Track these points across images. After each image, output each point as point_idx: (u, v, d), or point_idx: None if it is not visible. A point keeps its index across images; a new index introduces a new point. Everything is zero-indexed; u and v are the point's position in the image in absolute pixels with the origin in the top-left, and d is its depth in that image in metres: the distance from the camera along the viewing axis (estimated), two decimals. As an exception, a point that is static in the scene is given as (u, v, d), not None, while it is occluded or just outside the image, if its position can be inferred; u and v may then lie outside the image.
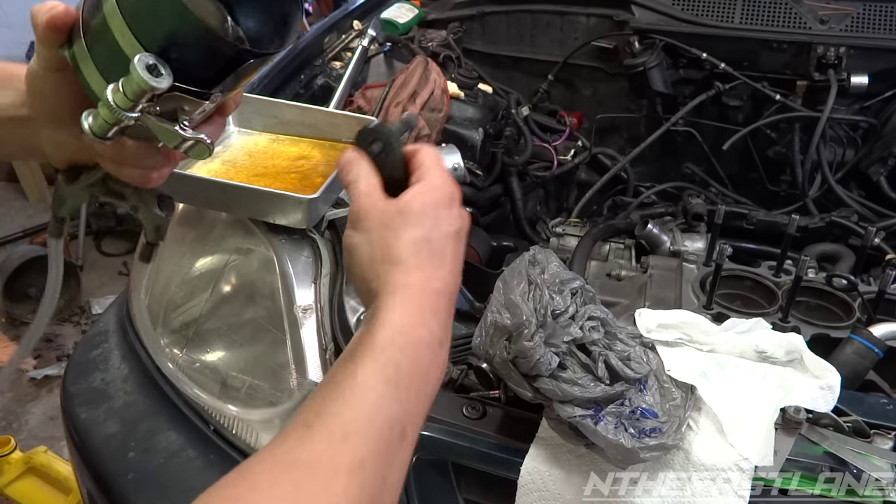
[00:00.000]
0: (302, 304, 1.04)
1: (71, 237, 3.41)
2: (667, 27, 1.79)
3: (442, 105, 1.53)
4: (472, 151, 1.57)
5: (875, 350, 1.03)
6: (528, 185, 1.84)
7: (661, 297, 1.28)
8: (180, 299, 1.17)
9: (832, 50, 1.67)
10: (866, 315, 1.17)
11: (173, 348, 1.15)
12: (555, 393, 0.77)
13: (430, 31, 1.91)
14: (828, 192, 1.69)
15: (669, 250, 1.46)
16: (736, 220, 1.62)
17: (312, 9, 5.08)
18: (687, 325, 0.92)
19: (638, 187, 1.92)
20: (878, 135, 1.69)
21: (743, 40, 1.76)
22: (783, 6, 1.76)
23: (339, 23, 1.80)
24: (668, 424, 0.78)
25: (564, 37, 1.99)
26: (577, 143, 1.92)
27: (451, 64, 1.76)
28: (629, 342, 0.84)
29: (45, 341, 2.88)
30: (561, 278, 0.85)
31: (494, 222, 1.82)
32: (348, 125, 1.26)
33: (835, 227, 1.56)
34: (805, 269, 1.14)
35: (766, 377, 0.86)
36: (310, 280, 1.07)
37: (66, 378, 1.22)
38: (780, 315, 1.17)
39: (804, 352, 0.88)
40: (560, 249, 1.59)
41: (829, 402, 0.83)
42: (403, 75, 1.54)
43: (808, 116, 1.70)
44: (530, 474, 0.81)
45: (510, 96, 1.86)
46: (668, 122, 1.82)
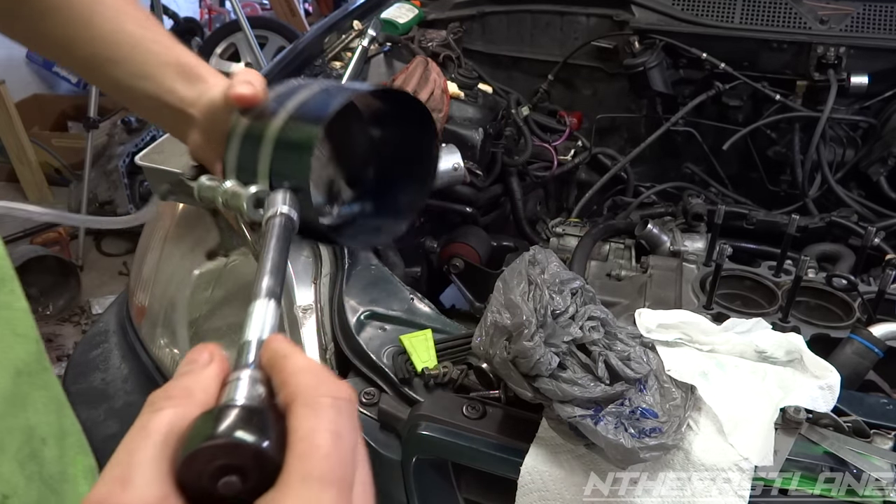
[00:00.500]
0: (302, 304, 1.04)
1: (71, 237, 3.41)
2: (667, 27, 1.79)
3: (442, 105, 1.53)
4: (472, 151, 1.57)
5: (875, 350, 1.03)
6: (528, 185, 1.84)
7: (661, 297, 1.28)
8: (180, 299, 1.17)
9: (832, 50, 1.67)
10: (866, 315, 1.17)
11: (173, 348, 1.15)
12: (555, 393, 0.77)
13: (430, 31, 1.91)
14: (828, 192, 1.69)
15: (669, 250, 1.46)
16: (736, 220, 1.62)
17: (312, 9, 5.08)
18: (687, 325, 0.92)
19: (638, 187, 1.92)
20: (878, 135, 1.69)
21: (743, 40, 1.76)
22: (783, 6, 1.76)
23: (339, 23, 1.80)
24: (668, 424, 0.78)
25: (564, 37, 1.99)
26: (577, 143, 1.92)
27: (451, 64, 1.76)
28: (629, 342, 0.84)
29: (46, 341, 2.88)
30: (561, 278, 0.85)
31: (494, 222, 1.82)
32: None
33: (835, 227, 1.56)
34: (805, 269, 1.14)
35: (766, 377, 0.86)
36: (310, 280, 1.07)
37: (66, 378, 1.22)
38: (780, 315, 1.17)
39: (804, 352, 0.88)
40: (560, 249, 1.59)
41: (829, 402, 0.83)
42: (403, 75, 1.54)
43: (808, 116, 1.70)
44: (530, 474, 0.81)
45: (510, 96, 1.86)
46: (668, 122, 1.82)
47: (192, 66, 0.69)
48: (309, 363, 0.39)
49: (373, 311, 1.04)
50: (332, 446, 0.35)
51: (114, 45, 0.69)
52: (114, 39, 0.69)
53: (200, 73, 0.69)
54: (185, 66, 0.69)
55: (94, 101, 3.27)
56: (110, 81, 0.71)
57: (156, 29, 0.71)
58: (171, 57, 0.69)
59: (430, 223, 1.73)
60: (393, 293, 1.08)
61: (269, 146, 0.59)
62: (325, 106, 0.59)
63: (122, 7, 0.70)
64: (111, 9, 0.70)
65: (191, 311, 1.17)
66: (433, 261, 1.67)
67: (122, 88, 0.71)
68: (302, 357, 0.39)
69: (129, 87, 0.70)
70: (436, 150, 0.71)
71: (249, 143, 0.61)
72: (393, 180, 0.72)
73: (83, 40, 0.70)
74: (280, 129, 0.59)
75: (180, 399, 0.37)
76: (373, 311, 1.04)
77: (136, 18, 0.70)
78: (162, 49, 0.70)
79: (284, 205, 0.54)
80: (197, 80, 0.69)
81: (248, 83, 0.62)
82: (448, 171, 1.43)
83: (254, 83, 0.63)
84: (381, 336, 1.00)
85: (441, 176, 1.43)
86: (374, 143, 0.71)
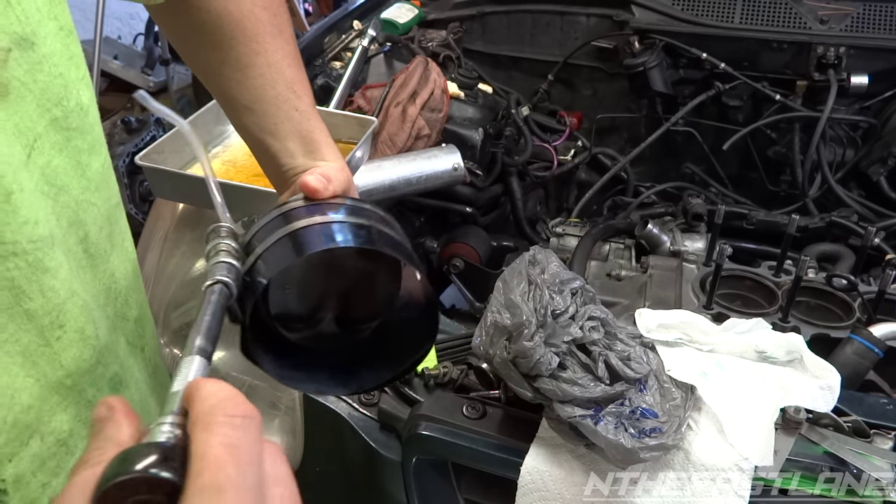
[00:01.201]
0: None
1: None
2: (667, 27, 1.79)
3: (442, 105, 1.53)
4: (472, 151, 1.57)
5: (875, 350, 1.03)
6: (528, 185, 1.84)
7: (661, 297, 1.28)
8: (180, 299, 1.17)
9: (832, 50, 1.67)
10: (866, 315, 1.17)
11: (173, 348, 1.15)
12: (555, 393, 0.77)
13: (430, 31, 1.91)
14: (828, 192, 1.69)
15: (669, 250, 1.46)
16: (736, 220, 1.62)
17: (312, 9, 5.08)
18: (687, 325, 0.92)
19: (638, 187, 1.92)
20: (878, 135, 1.69)
21: (743, 40, 1.76)
22: (783, 6, 1.76)
23: (339, 23, 1.80)
24: (668, 424, 0.78)
25: (564, 37, 1.99)
26: (577, 143, 1.92)
27: (451, 64, 1.76)
28: (629, 342, 0.84)
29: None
30: (561, 278, 0.85)
31: (494, 222, 1.82)
32: (348, 125, 1.26)
33: (835, 227, 1.56)
34: (805, 269, 1.14)
35: (766, 377, 0.86)
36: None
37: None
38: (780, 315, 1.17)
39: (804, 352, 0.88)
40: (560, 249, 1.59)
41: (829, 402, 0.83)
42: (403, 75, 1.54)
43: (808, 116, 1.70)
44: (530, 474, 0.81)
45: (510, 96, 1.86)
46: (668, 122, 1.82)
47: (318, 140, 0.72)
48: (215, 390, 0.38)
49: (373, 311, 1.03)
50: (225, 456, 0.35)
51: (257, 100, 0.71)
52: (259, 94, 0.71)
53: (322, 148, 0.72)
54: (311, 137, 0.71)
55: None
56: (240, 124, 0.74)
57: (301, 91, 0.73)
58: (302, 128, 0.71)
59: (430, 223, 1.73)
60: (393, 293, 1.07)
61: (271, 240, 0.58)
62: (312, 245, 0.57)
63: (279, 63, 0.72)
64: (268, 63, 0.71)
65: (190, 311, 1.17)
66: (433, 261, 1.67)
67: (247, 133, 0.73)
68: (212, 385, 0.39)
69: (255, 138, 0.73)
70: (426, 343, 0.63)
71: (265, 230, 0.60)
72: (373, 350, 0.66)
73: (233, 82, 0.71)
74: (288, 233, 0.58)
75: (96, 459, 0.37)
76: (373, 311, 1.03)
77: (287, 80, 0.72)
78: (300, 118, 0.72)
79: (229, 276, 0.53)
80: (316, 153, 0.71)
81: (325, 178, 0.64)
82: (448, 171, 1.43)
83: (329, 180, 0.64)
84: (381, 336, 1.00)
85: (441, 176, 1.43)
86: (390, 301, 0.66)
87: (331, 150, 0.72)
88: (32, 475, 0.57)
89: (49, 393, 0.57)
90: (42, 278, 0.53)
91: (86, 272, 0.62)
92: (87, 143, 0.61)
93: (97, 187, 0.63)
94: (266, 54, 0.71)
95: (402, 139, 1.46)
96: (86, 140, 0.61)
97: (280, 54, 0.72)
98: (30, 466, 0.56)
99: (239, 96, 0.72)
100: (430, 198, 1.60)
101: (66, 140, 0.58)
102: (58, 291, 0.55)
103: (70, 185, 0.59)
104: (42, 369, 0.56)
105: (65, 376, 0.58)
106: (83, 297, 0.59)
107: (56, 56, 0.55)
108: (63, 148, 0.57)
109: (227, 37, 0.70)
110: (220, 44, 0.70)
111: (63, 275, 0.55)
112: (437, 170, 1.43)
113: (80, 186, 0.60)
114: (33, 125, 0.53)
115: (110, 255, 0.67)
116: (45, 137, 0.55)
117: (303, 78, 0.74)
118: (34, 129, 0.54)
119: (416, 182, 1.41)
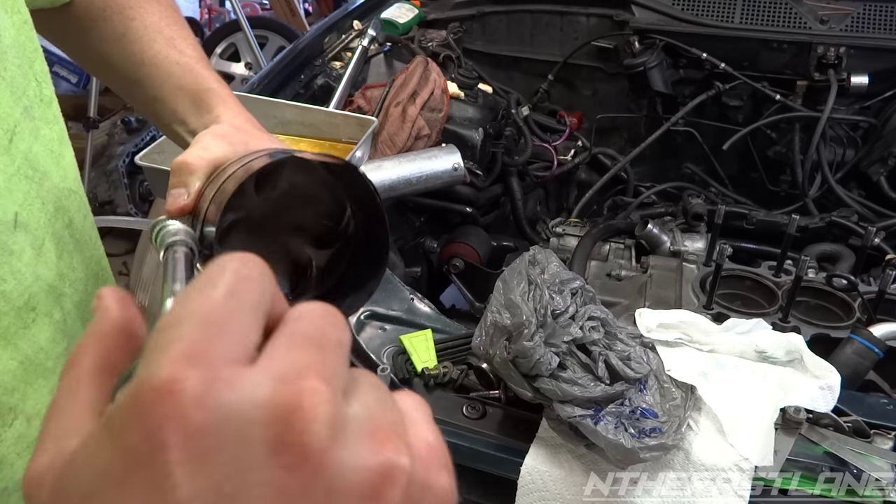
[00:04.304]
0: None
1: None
2: (667, 27, 1.79)
3: (442, 105, 1.53)
4: (472, 151, 1.57)
5: (875, 350, 1.03)
6: (528, 185, 1.84)
7: (661, 297, 1.28)
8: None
9: (832, 50, 1.67)
10: (866, 315, 1.17)
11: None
12: (555, 393, 0.77)
13: (430, 31, 1.91)
14: (828, 192, 1.69)
15: (669, 250, 1.46)
16: (736, 220, 1.62)
17: (312, 9, 5.08)
18: (687, 325, 0.92)
19: (638, 187, 1.92)
20: (878, 135, 1.69)
21: (743, 40, 1.76)
22: (783, 6, 1.76)
23: (339, 23, 1.80)
24: (668, 424, 0.78)
25: (564, 37, 1.99)
26: (577, 143, 1.92)
27: (451, 64, 1.76)
28: (629, 342, 0.84)
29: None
30: (561, 278, 0.85)
31: (494, 222, 1.82)
32: (348, 125, 1.25)
33: (835, 227, 1.56)
34: (805, 269, 1.14)
35: (766, 377, 0.86)
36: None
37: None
38: (780, 315, 1.17)
39: (804, 352, 0.88)
40: (560, 249, 1.59)
41: (829, 402, 0.83)
42: (403, 75, 1.54)
43: (808, 116, 1.70)
44: (530, 474, 0.81)
45: (510, 96, 1.86)
46: (668, 122, 1.82)
47: (203, 92, 0.67)
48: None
49: (373, 310, 1.04)
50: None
51: (139, 65, 0.68)
52: (140, 59, 0.68)
53: (209, 101, 0.66)
54: (198, 92, 0.67)
55: (94, 101, 3.26)
56: (137, 102, 0.70)
57: (184, 46, 0.69)
58: (187, 81, 0.67)
59: (430, 223, 1.73)
60: (393, 293, 1.08)
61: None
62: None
63: (155, 24, 0.69)
64: (143, 26, 0.68)
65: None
66: (433, 261, 1.67)
67: (146, 111, 0.70)
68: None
69: (150, 111, 0.69)
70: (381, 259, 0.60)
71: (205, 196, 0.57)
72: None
73: (116, 57, 0.69)
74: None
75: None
76: (373, 310, 1.04)
77: (167, 37, 0.69)
78: (182, 71, 0.67)
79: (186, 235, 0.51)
80: (205, 111, 0.66)
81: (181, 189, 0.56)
82: (448, 171, 1.43)
83: (187, 191, 0.57)
84: (381, 336, 1.00)
85: (441, 176, 1.43)
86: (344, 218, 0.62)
87: (223, 103, 0.66)
88: (17, 456, 0.57)
89: (31, 375, 0.57)
90: (10, 260, 0.54)
91: (73, 256, 0.62)
92: (56, 135, 0.61)
93: (74, 177, 0.64)
94: (141, 18, 0.68)
95: (402, 139, 1.46)
96: (53, 131, 0.61)
97: (157, 17, 0.69)
98: (14, 448, 0.57)
99: (124, 70, 0.69)
100: (430, 198, 1.60)
101: (37, 129, 0.58)
102: (25, 275, 0.55)
103: (51, 172, 0.59)
104: (23, 351, 0.56)
105: (45, 358, 0.58)
106: (47, 281, 0.58)
107: (19, 48, 0.56)
108: (37, 137, 0.58)
109: (99, 9, 0.68)
110: (95, 20, 0.68)
111: (27, 259, 0.56)
112: (437, 170, 1.43)
113: (58, 175, 0.61)
114: (11, 111, 0.54)
115: (96, 242, 0.68)
116: (23, 124, 0.56)
117: (186, 35, 0.70)
118: (12, 115, 0.54)
119: (416, 182, 1.41)
